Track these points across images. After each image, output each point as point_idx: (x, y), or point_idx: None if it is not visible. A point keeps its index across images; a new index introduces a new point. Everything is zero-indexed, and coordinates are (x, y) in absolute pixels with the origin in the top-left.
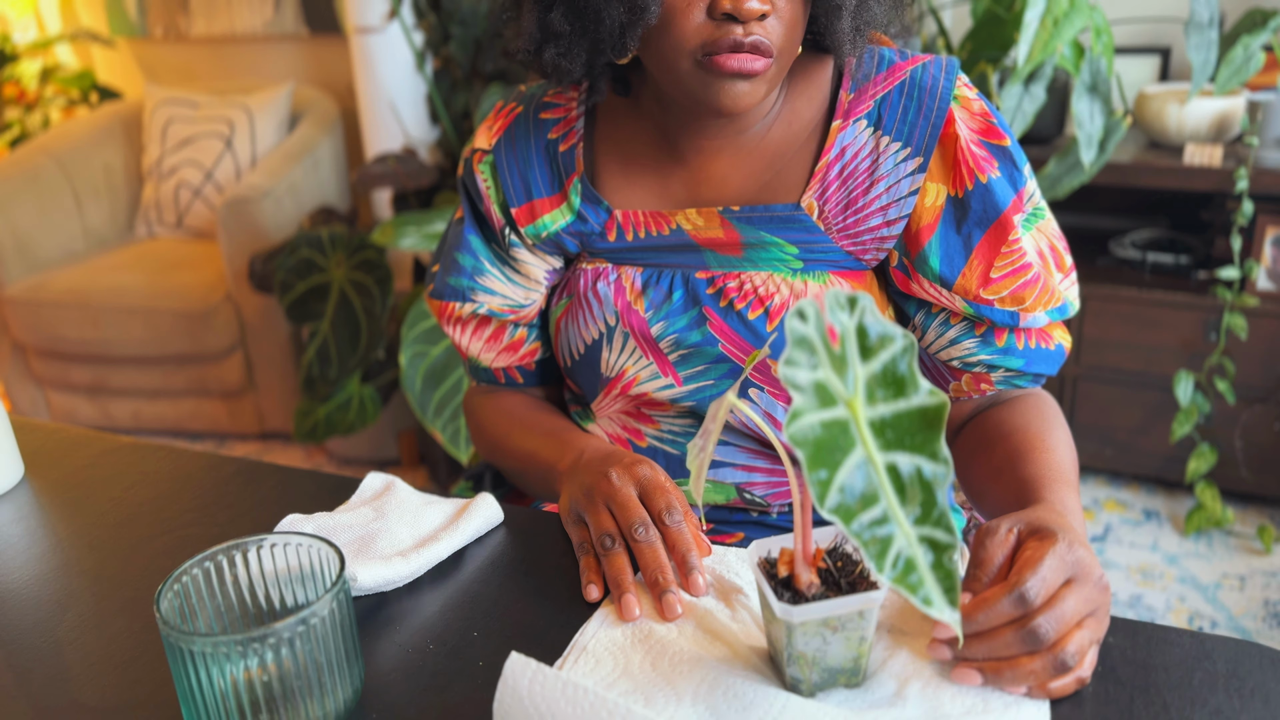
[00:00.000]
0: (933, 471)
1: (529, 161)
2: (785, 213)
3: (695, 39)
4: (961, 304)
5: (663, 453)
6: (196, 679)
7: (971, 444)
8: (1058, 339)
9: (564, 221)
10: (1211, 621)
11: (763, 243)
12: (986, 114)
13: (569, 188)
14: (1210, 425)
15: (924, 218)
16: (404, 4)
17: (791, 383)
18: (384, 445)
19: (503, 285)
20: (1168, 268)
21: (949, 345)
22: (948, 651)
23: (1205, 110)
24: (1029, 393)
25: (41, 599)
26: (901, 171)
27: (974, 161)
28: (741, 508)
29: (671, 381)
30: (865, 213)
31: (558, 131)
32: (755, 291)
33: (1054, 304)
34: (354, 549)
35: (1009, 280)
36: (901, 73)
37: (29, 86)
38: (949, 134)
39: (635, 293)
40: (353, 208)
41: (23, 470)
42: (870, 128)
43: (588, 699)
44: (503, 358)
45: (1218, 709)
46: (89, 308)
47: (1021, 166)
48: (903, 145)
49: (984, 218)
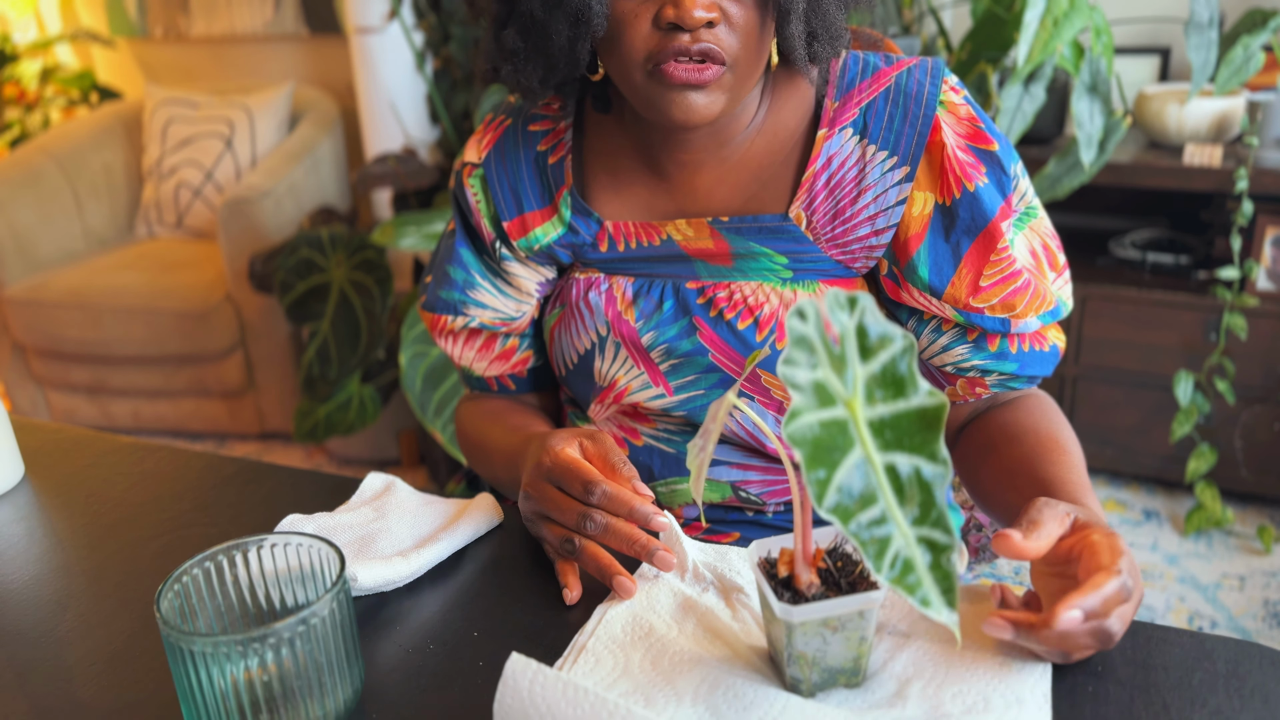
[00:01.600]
0: (931, 472)
1: (519, 174)
2: (773, 223)
3: (643, 49)
4: (952, 312)
5: (659, 451)
6: (196, 679)
7: (978, 446)
8: (1051, 340)
9: (555, 234)
10: (1211, 621)
11: (752, 253)
12: (974, 119)
13: (559, 200)
14: (1210, 425)
15: (912, 227)
16: (404, 4)
17: (791, 382)
18: (384, 445)
19: (494, 298)
20: (1168, 268)
21: (941, 351)
22: (1009, 632)
23: (1205, 110)
24: (1028, 393)
25: (41, 599)
26: (889, 181)
27: (961, 169)
28: (737, 506)
29: (662, 391)
30: (853, 222)
31: (547, 143)
32: (745, 301)
33: (1046, 308)
34: (354, 549)
35: (999, 288)
36: (886, 79)
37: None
38: (935, 141)
39: (626, 302)
40: (353, 208)
41: (23, 470)
42: (856, 136)
43: (588, 699)
44: (495, 366)
45: (1218, 709)
46: (89, 308)
47: (1010, 170)
48: (889, 154)
49: (972, 226)
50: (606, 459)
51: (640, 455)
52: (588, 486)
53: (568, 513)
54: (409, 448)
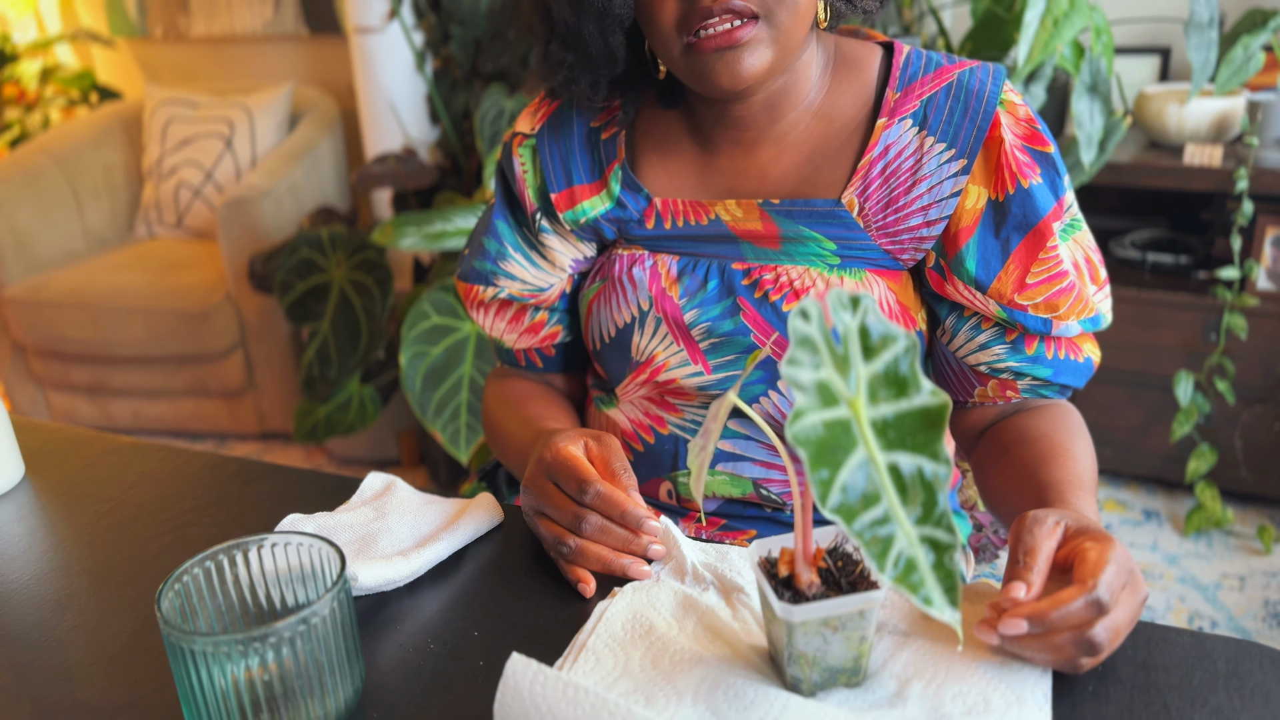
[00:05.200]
0: (934, 471)
1: (571, 148)
2: (825, 208)
3: (672, 23)
4: (995, 308)
5: (684, 440)
6: (197, 678)
7: (992, 449)
8: (1087, 352)
9: (603, 208)
10: (1211, 621)
11: (801, 237)
12: (1031, 120)
13: (609, 175)
14: (1210, 425)
15: (963, 219)
16: (404, 4)
17: (794, 382)
18: (384, 445)
19: (524, 270)
20: (1168, 268)
21: (978, 350)
22: (996, 638)
23: (1205, 110)
24: (1054, 403)
25: (41, 599)
26: (945, 173)
27: (1017, 166)
28: (756, 503)
29: (701, 369)
30: (906, 212)
31: (600, 120)
32: (790, 284)
33: (1087, 314)
34: (354, 549)
35: (1045, 286)
36: (949, 75)
37: (29, 86)
38: (994, 137)
39: (670, 279)
40: (353, 208)
41: (23, 470)
42: (915, 127)
43: (588, 699)
44: (524, 339)
45: (1218, 709)
46: (89, 308)
47: (1063, 175)
48: (947, 146)
49: (1024, 223)
50: (608, 463)
51: (665, 443)
52: (582, 486)
53: (563, 511)
54: (409, 448)
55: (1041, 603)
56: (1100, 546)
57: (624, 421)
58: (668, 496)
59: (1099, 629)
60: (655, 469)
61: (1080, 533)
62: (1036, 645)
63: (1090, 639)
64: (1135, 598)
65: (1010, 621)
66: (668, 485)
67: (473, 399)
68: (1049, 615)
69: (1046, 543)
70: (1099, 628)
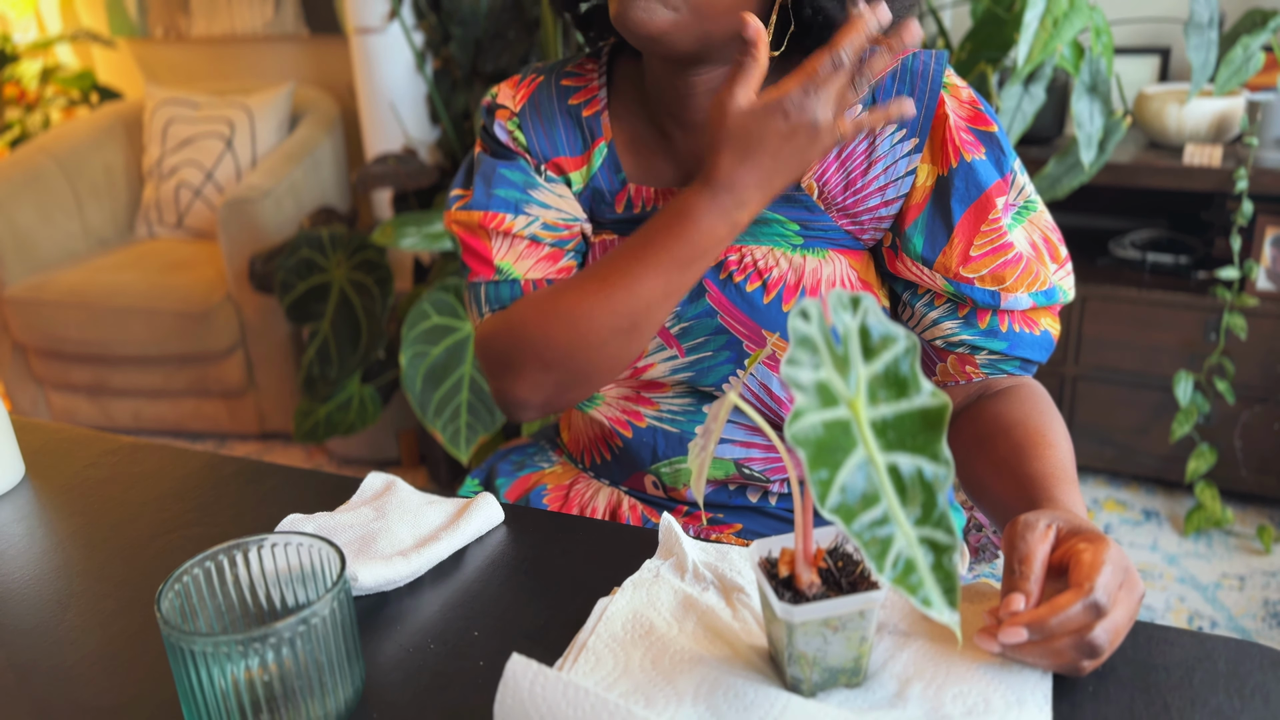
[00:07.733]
0: (934, 472)
1: (554, 123)
2: (786, 192)
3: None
4: (942, 282)
5: (662, 431)
6: (197, 679)
7: (969, 438)
8: (1044, 325)
9: (581, 184)
10: (1211, 621)
11: (764, 218)
12: (975, 101)
13: (594, 150)
14: (1210, 425)
15: (915, 197)
16: (404, 4)
17: (794, 382)
18: (384, 445)
19: (556, 199)
20: (1167, 268)
21: (932, 325)
22: (997, 646)
23: (1205, 110)
24: (1020, 383)
25: (41, 599)
26: (899, 152)
27: (960, 143)
28: (741, 484)
29: (675, 352)
30: (864, 193)
31: (579, 98)
32: (755, 265)
33: (1038, 287)
34: (354, 549)
35: (989, 259)
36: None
37: (29, 86)
38: (940, 115)
39: None
40: (353, 208)
41: (23, 470)
42: (865, 112)
43: (588, 700)
44: (539, 268)
45: (1218, 709)
46: (89, 308)
47: (1008, 153)
48: (899, 126)
49: (965, 195)
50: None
51: (644, 436)
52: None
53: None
54: (409, 448)
55: (1040, 610)
56: (1094, 548)
57: (603, 420)
58: (653, 488)
59: (1098, 632)
60: (637, 463)
61: (1073, 534)
62: (1037, 651)
63: (1090, 642)
64: (1132, 596)
65: (1010, 630)
66: (651, 478)
67: (473, 399)
68: (1048, 622)
69: (1040, 548)
70: (1098, 630)
